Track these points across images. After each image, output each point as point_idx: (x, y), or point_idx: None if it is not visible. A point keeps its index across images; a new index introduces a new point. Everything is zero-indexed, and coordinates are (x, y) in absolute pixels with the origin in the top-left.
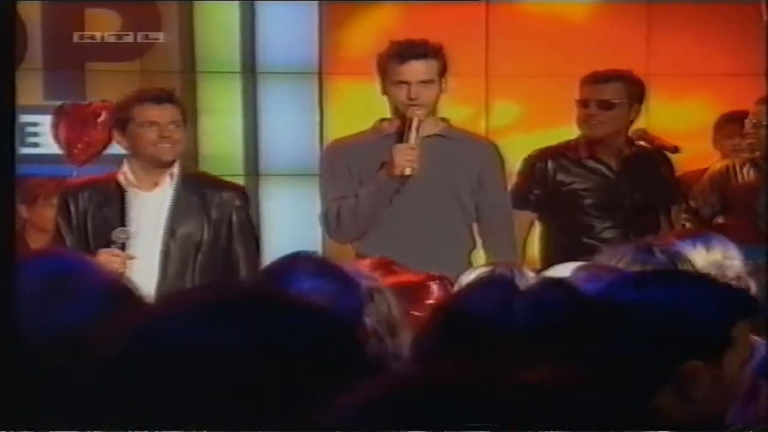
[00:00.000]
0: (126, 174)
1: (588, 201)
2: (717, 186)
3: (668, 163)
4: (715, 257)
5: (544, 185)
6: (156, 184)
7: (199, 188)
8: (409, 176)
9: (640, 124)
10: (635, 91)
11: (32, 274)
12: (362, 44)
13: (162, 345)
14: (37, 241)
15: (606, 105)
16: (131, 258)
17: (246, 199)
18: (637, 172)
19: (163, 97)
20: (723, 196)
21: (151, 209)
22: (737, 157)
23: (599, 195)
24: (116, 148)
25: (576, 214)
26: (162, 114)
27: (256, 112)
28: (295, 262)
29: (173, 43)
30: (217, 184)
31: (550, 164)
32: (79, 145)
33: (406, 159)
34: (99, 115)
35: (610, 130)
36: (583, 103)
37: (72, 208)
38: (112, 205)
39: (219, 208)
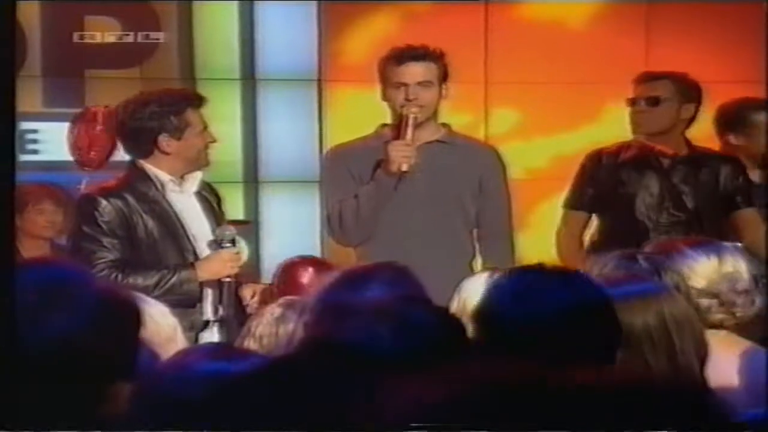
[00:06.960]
0: (172, 179)
1: (639, 203)
2: None
3: (737, 168)
4: (726, 269)
5: (598, 186)
6: (187, 186)
7: (208, 191)
8: (406, 172)
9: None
10: (685, 91)
11: (30, 282)
12: (362, 51)
13: None
14: (29, 248)
15: (652, 101)
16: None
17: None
18: (692, 176)
19: (203, 102)
20: None
21: (192, 211)
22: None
23: (651, 197)
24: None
25: (628, 216)
26: (205, 119)
27: (255, 119)
28: (380, 269)
29: (172, 49)
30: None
31: (604, 164)
32: (92, 153)
33: (401, 155)
34: (104, 120)
35: (657, 127)
36: (632, 101)
37: (110, 216)
38: (161, 209)
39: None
